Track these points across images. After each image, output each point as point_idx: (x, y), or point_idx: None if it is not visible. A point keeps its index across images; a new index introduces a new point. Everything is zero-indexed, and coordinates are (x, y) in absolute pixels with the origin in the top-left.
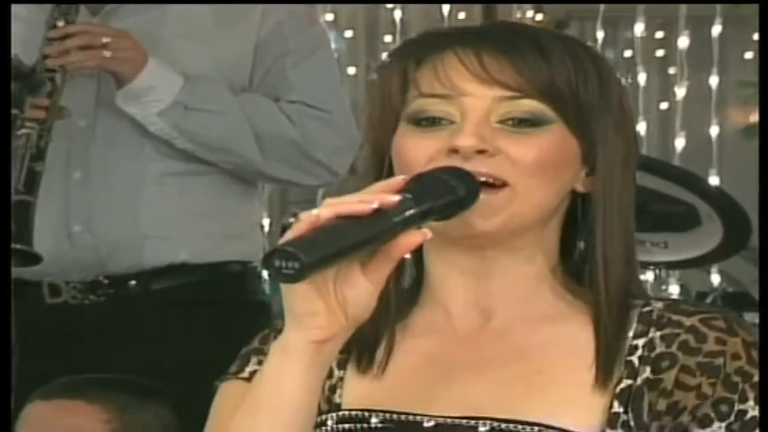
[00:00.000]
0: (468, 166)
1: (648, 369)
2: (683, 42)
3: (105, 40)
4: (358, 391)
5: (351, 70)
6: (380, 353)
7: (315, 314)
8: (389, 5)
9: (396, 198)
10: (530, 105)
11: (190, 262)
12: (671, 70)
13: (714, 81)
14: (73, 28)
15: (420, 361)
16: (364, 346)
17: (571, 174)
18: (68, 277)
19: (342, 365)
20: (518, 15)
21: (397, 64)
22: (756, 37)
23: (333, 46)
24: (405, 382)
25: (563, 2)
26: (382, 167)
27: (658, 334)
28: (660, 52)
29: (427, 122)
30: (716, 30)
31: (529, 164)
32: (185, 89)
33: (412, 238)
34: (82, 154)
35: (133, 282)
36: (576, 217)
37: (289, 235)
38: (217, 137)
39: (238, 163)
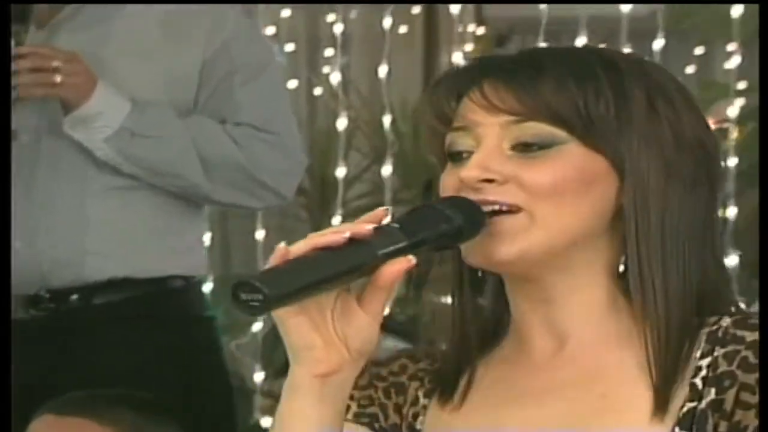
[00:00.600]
0: (479, 196)
1: (713, 390)
2: None
3: (55, 63)
4: (437, 420)
5: (292, 84)
6: (462, 384)
7: (311, 347)
8: (330, 19)
9: (369, 227)
10: (536, 128)
11: (133, 276)
12: None
13: None
14: (24, 49)
15: (497, 389)
16: (448, 378)
17: (602, 189)
18: None
19: (428, 394)
20: (459, 29)
21: (424, 120)
22: (698, 51)
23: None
24: (481, 410)
25: (533, 2)
26: None
27: (722, 352)
28: None
29: (456, 155)
30: (658, 44)
31: (542, 188)
32: (132, 115)
33: (396, 266)
34: (27, 168)
35: (74, 296)
36: None
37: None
38: (163, 163)
39: (184, 187)
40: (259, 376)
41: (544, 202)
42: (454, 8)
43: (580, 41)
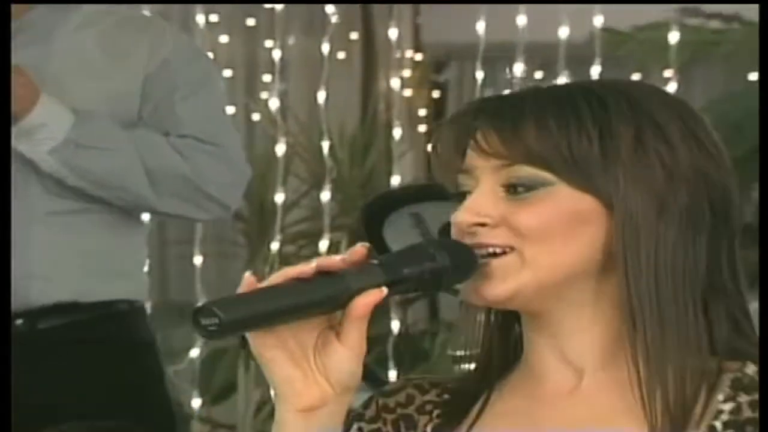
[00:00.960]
0: (473, 240)
1: None
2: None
3: None
4: None
5: (230, 110)
6: (475, 410)
7: (291, 381)
8: (268, 44)
9: (338, 258)
10: (522, 170)
11: (78, 300)
12: None
13: None
14: None
15: (511, 419)
16: (462, 404)
17: (593, 228)
18: None
19: (436, 430)
20: (397, 55)
21: (440, 174)
22: (634, 78)
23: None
24: None
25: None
26: None
27: (747, 399)
28: None
29: (461, 196)
30: (595, 71)
31: (530, 230)
32: (76, 126)
33: (367, 298)
34: None
35: (19, 321)
36: None
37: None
38: (109, 174)
39: (130, 200)
40: (196, 402)
41: (534, 243)
42: (392, 34)
43: (518, 68)
